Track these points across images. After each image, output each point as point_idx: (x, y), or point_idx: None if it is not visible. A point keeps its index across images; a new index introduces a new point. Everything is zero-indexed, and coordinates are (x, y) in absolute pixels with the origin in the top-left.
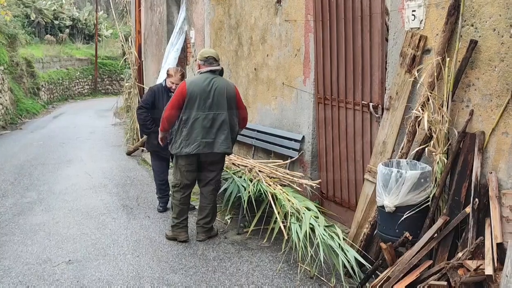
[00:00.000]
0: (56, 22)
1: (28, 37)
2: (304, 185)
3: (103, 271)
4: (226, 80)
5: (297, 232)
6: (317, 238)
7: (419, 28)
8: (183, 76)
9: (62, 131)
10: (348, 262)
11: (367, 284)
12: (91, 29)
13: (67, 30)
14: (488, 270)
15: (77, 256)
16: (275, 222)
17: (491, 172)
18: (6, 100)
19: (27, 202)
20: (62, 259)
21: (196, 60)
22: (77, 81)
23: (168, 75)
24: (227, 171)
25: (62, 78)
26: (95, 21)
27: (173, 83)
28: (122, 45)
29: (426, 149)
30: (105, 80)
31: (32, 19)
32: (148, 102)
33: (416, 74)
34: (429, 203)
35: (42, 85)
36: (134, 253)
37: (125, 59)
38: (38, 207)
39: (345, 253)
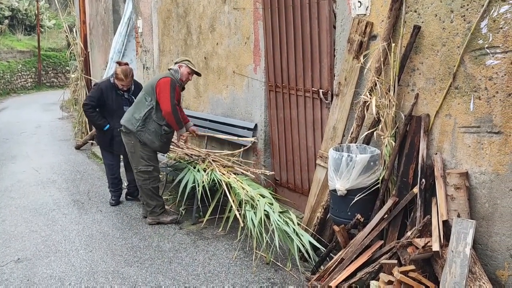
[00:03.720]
0: None
1: None
2: (258, 173)
3: (55, 268)
4: (167, 73)
5: (252, 219)
6: (272, 224)
7: (365, 14)
8: (132, 77)
9: (5, 126)
10: (303, 246)
11: (322, 267)
12: (32, 19)
13: (7, 21)
14: (435, 247)
15: (27, 254)
16: (230, 210)
17: (436, 153)
18: None
19: None
20: (11, 258)
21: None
22: (20, 74)
23: (118, 78)
24: (180, 162)
25: (3, 71)
26: (36, 11)
27: (123, 86)
28: (67, 36)
29: (375, 133)
30: (50, 72)
31: None
32: (94, 99)
33: (363, 60)
34: (379, 185)
35: None
36: (87, 248)
37: (70, 50)
38: None
39: (299, 238)
